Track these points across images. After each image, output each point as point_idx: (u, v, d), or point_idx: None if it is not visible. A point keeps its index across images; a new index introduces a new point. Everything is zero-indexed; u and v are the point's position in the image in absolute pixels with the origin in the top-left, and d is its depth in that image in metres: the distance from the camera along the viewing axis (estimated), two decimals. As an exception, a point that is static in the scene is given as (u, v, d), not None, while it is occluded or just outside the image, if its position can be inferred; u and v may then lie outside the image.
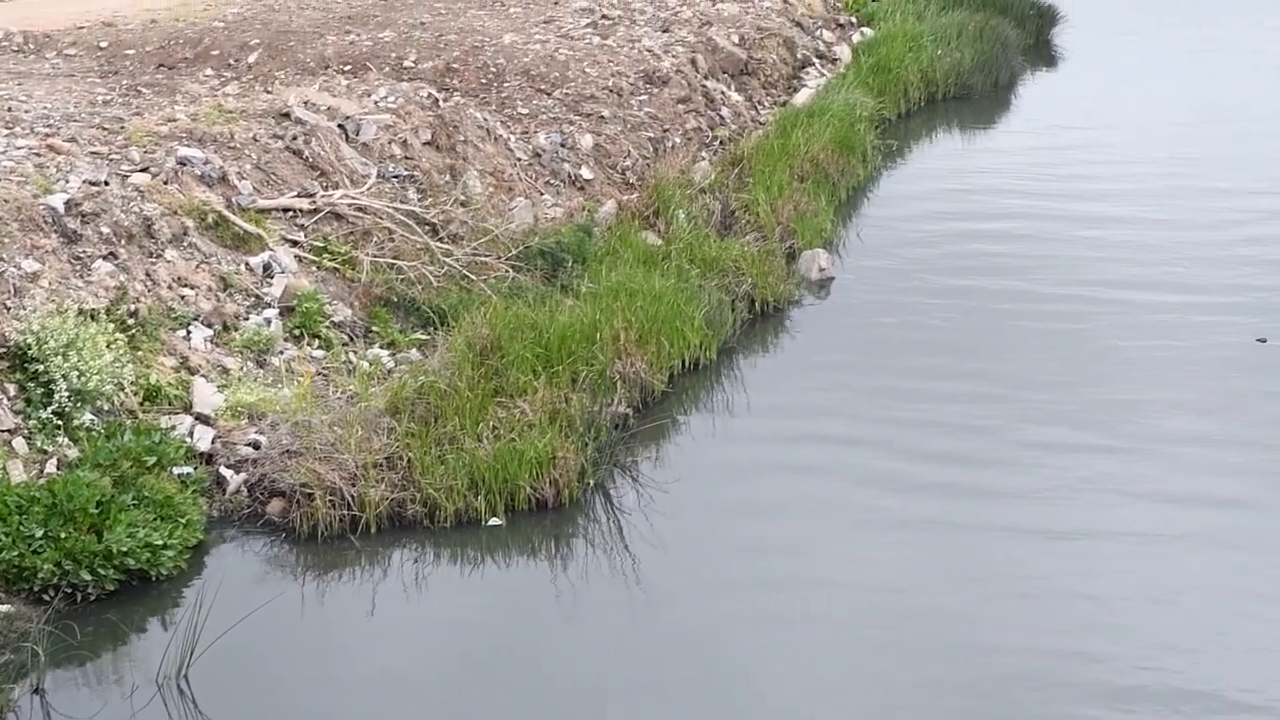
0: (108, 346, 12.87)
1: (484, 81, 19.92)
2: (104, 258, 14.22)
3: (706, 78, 21.83)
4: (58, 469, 12.19)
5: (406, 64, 20.08)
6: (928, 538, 12.49)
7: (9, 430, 12.32)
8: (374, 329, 15.40)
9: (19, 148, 15.58)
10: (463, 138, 18.04)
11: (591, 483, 13.24)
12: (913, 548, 12.38)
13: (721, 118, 21.33)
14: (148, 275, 14.41)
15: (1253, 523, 12.69)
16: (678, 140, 20.20)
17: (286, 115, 17.47)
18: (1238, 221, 19.11)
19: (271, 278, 15.29)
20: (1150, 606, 11.51)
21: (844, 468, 13.74)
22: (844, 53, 24.22)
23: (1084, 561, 12.19)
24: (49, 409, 12.50)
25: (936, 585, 11.79)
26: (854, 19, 25.76)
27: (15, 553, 11.19)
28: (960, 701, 10.31)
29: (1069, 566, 12.09)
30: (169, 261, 14.67)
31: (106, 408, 12.92)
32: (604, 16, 22.79)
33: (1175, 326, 16.48)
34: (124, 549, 11.42)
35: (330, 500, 12.56)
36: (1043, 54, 25.51)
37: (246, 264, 15.31)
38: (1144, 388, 15.13)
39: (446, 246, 16.35)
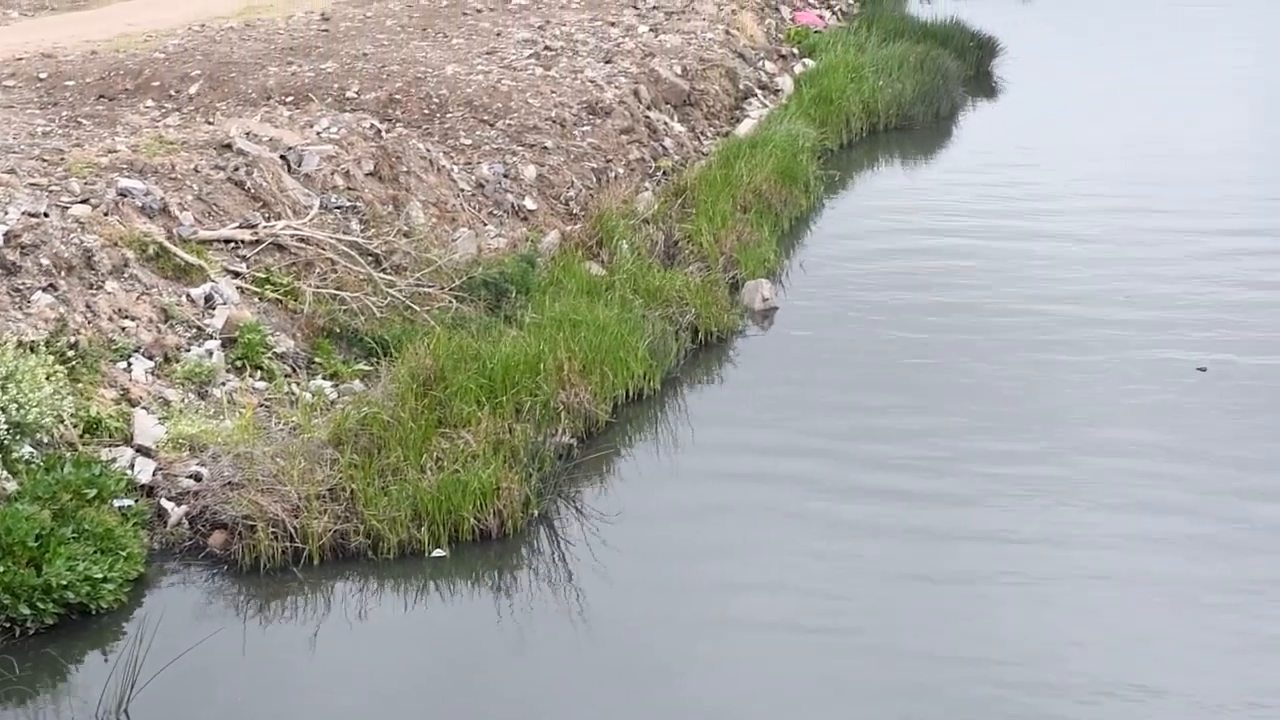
0: (47, 379, 12.76)
1: (427, 112, 19.91)
2: (43, 289, 14.11)
3: (649, 108, 21.89)
4: (-4, 502, 12.08)
5: (349, 95, 20.05)
6: (876, 567, 12.52)
7: (-54, 463, 12.21)
8: (317, 360, 15.33)
9: (-43, 179, 15.46)
10: (406, 168, 18.02)
11: (536, 513, 13.22)
12: (861, 577, 12.40)
13: (664, 148, 21.38)
14: (88, 307, 14.31)
15: (1196, 532, 12.82)
16: (621, 171, 20.23)
17: (228, 146, 17.40)
18: (1174, 243, 19.30)
19: (213, 309, 15.20)
20: (1095, 614, 11.60)
21: (789, 498, 13.75)
22: (786, 84, 24.31)
23: (1029, 570, 12.29)
24: (-13, 442, 12.38)
25: (887, 616, 11.81)
26: (796, 50, 25.88)
27: (-47, 587, 11.07)
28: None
29: (1015, 576, 12.19)
30: (109, 293, 14.57)
31: (46, 440, 12.81)
32: (546, 48, 22.82)
33: (1118, 344, 16.63)
34: (63, 583, 11.32)
35: (273, 532, 12.48)
36: (983, 85, 25.69)
37: (188, 295, 15.23)
38: (1088, 405, 15.27)
39: (389, 277, 16.31)
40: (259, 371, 14.84)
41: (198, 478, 13.08)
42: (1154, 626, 11.54)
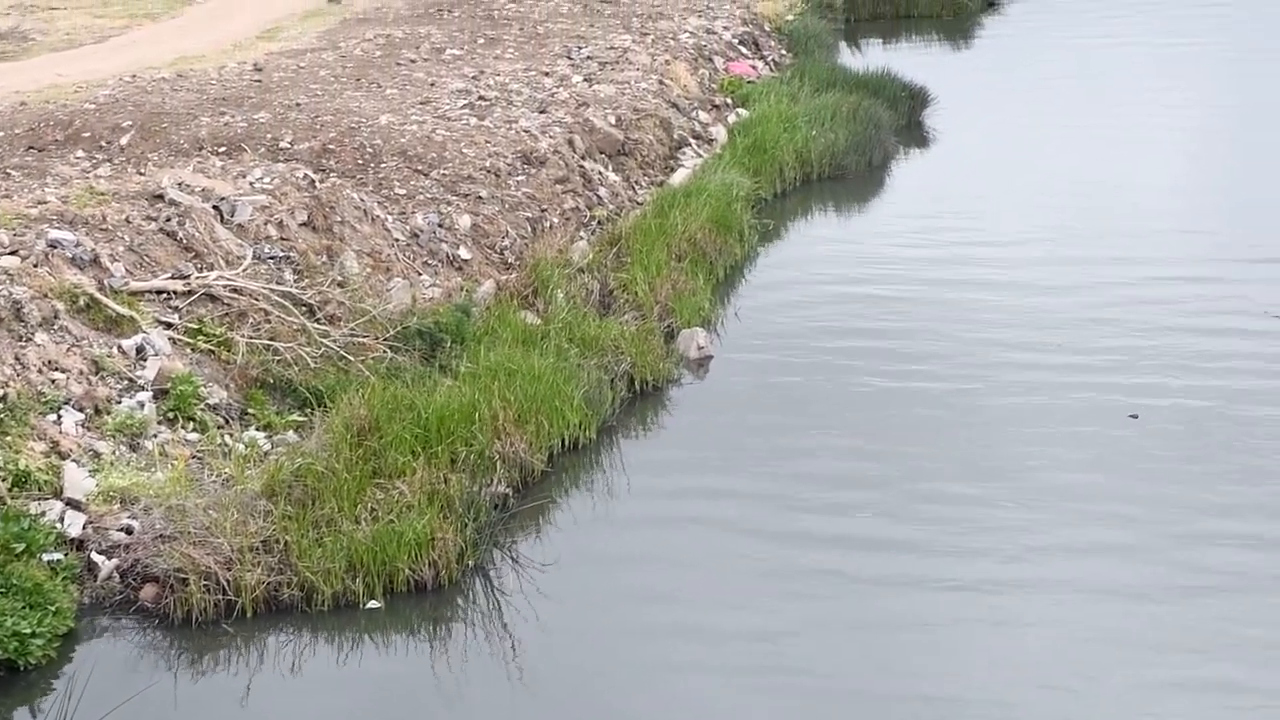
0: (-25, 431, 12.62)
1: (361, 162, 19.87)
2: (-28, 341, 13.96)
3: (584, 158, 21.92)
4: (-77, 557, 11.91)
5: (282, 145, 19.99)
6: (815, 610, 12.53)
7: (-128, 518, 12.03)
8: (250, 411, 15.23)
9: (-116, 230, 15.30)
10: (340, 218, 17.96)
11: (471, 564, 13.16)
12: (801, 620, 12.41)
13: (599, 198, 21.42)
14: (17, 359, 14.17)
15: (1135, 575, 12.90)
16: (556, 220, 20.25)
17: (160, 197, 17.31)
18: (1107, 288, 19.44)
19: (145, 360, 15.08)
20: (1034, 654, 11.65)
21: (726, 544, 13.75)
22: (720, 133, 24.42)
23: (970, 612, 12.33)
24: (-86, 496, 12.22)
25: (827, 659, 11.81)
26: (729, 100, 26.00)
27: (-122, 644, 10.90)
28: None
29: (955, 618, 12.23)
30: (39, 345, 14.43)
31: (-26, 494, 12.65)
32: (481, 98, 22.84)
33: (1053, 390, 16.73)
34: (-9, 638, 11.16)
35: (205, 585, 12.37)
36: (915, 135, 25.87)
37: (119, 347, 15.10)
38: (1024, 451, 15.34)
39: (324, 327, 16.24)
40: (191, 423, 14.72)
41: (129, 531, 12.95)
42: (1096, 668, 11.58)
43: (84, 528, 12.88)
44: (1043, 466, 15.09)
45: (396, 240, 18.41)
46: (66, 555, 12.48)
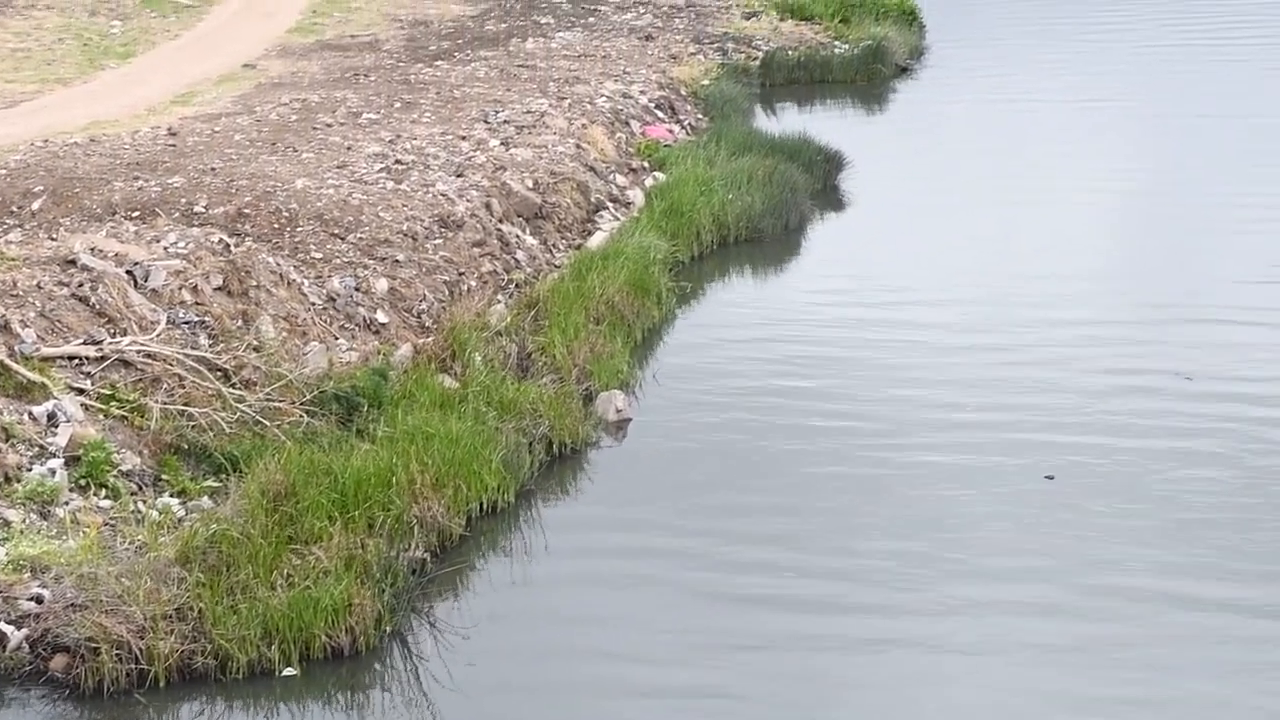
0: (-119, 500, 12.40)
1: (277, 226, 19.78)
2: (-122, 408, 13.75)
3: (501, 221, 21.92)
4: None
5: (197, 209, 19.88)
6: (734, 665, 12.53)
7: None
8: (164, 477, 15.08)
9: None
10: (255, 283, 17.86)
11: (389, 629, 13.07)
12: (721, 677, 12.39)
13: (517, 261, 21.41)
14: (-75, 426, 13.96)
15: (1050, 630, 12.99)
16: (473, 283, 20.22)
17: (72, 262, 17.15)
18: (1022, 348, 19.59)
19: (56, 427, 14.91)
20: (958, 707, 11.66)
21: (646, 605, 13.73)
22: (637, 196, 24.49)
23: (889, 670, 12.34)
24: None
25: (749, 714, 11.78)
26: (646, 164, 26.09)
27: None
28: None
29: (875, 676, 12.23)
30: (-52, 411, 14.23)
31: (-121, 564, 12.42)
32: (397, 161, 22.81)
33: (970, 448, 16.86)
34: (-104, 711, 10.95)
35: (117, 654, 12.20)
36: (831, 198, 26.05)
37: (29, 413, 14.92)
38: (942, 507, 15.46)
39: (239, 392, 16.12)
40: (104, 490, 14.55)
41: (39, 600, 12.76)
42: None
43: (-7, 597, 12.67)
44: (961, 525, 15.19)
45: (313, 304, 18.32)
46: (-25, 625, 12.27)
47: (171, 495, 14.83)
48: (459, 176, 22.57)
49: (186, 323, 16.93)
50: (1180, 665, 12.82)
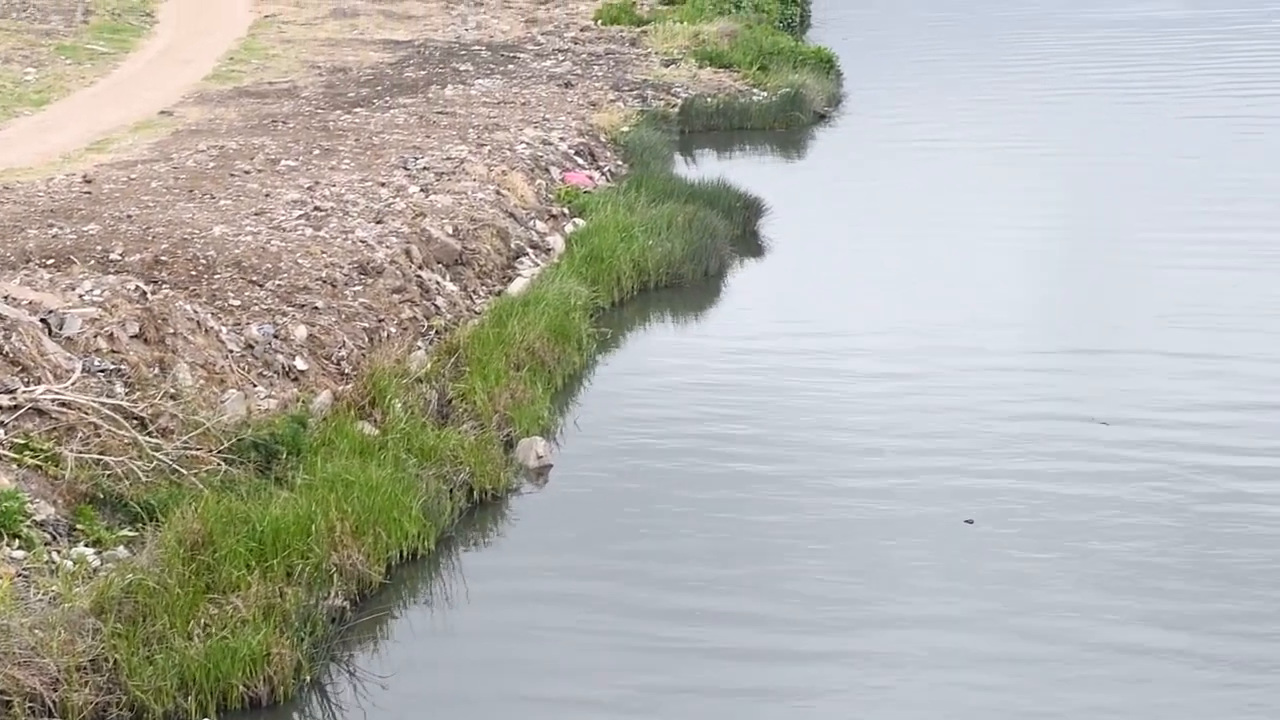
0: None
1: (194, 273, 19.65)
2: None
3: (421, 268, 21.88)
4: None
5: (113, 257, 19.72)
6: (659, 714, 12.48)
7: None
8: (79, 527, 14.89)
9: None
10: (172, 330, 17.72)
11: (308, 679, 12.96)
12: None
13: (437, 307, 21.36)
14: None
15: (976, 674, 13.02)
16: (393, 330, 20.15)
17: (-14, 309, 16.95)
18: (942, 392, 19.71)
19: (-32, 476, 14.70)
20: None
21: (567, 653, 13.68)
22: (557, 243, 24.51)
23: (820, 713, 12.37)
24: None
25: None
26: (566, 210, 26.11)
27: None
28: None
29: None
30: None
31: None
32: (316, 208, 22.72)
33: (892, 490, 16.95)
34: None
35: (30, 707, 12.04)
36: (750, 244, 26.17)
37: (-58, 463, 14.71)
38: (864, 553, 15.53)
39: (156, 441, 15.96)
40: (17, 540, 14.35)
41: (-50, 652, 12.54)
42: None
43: (-97, 650, 12.46)
44: (883, 571, 15.24)
45: (231, 351, 18.19)
46: (-116, 679, 12.05)
47: (87, 545, 14.65)
48: (379, 223, 22.52)
49: (102, 371, 16.76)
50: (1106, 708, 12.91)
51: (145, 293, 18.38)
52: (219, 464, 16.00)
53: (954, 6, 43.63)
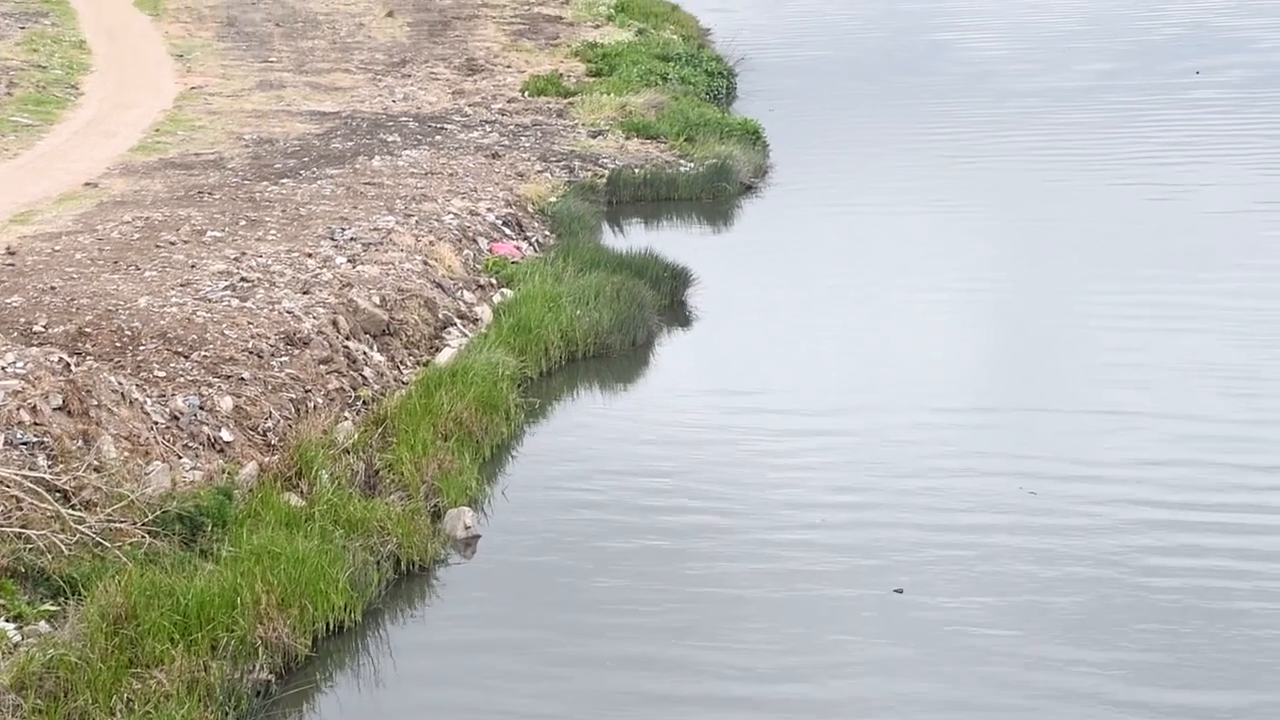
0: None
1: (119, 345, 19.53)
2: None
3: (348, 338, 21.83)
4: None
5: (36, 329, 19.57)
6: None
7: None
8: (0, 602, 14.72)
9: None
10: (96, 402, 17.59)
11: (233, 754, 12.82)
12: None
13: (364, 378, 21.31)
14: None
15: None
16: (320, 401, 20.07)
17: (-94, 382, 16.78)
18: (871, 464, 19.79)
19: (-113, 551, 14.50)
20: None
21: (494, 726, 13.61)
22: (485, 313, 24.50)
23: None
24: None
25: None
26: (494, 280, 26.13)
27: None
28: None
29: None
30: None
31: None
32: (243, 279, 22.65)
33: (817, 560, 17.01)
34: None
35: (-51, 786, 11.83)
36: (678, 314, 26.25)
37: None
38: (793, 624, 15.54)
39: (79, 513, 15.81)
40: (-64, 615, 14.16)
41: None
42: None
43: None
44: (810, 642, 15.28)
45: (156, 423, 18.06)
46: None
47: (7, 620, 14.47)
48: (305, 294, 22.46)
49: (24, 443, 16.61)
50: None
51: (69, 365, 18.24)
52: (143, 537, 15.87)
53: (875, 78, 44.13)
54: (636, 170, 33.39)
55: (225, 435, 18.53)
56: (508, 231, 28.66)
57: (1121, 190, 32.32)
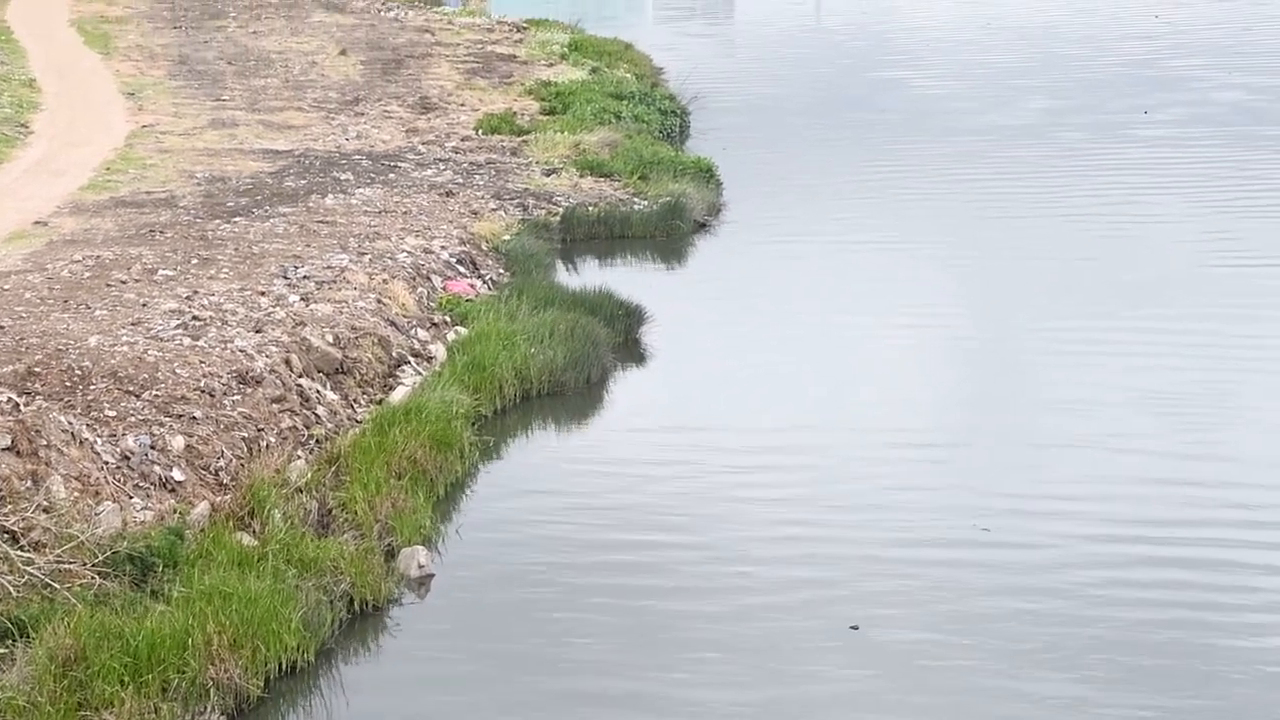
0: None
1: (69, 384, 19.38)
2: None
3: (301, 377, 21.72)
4: None
5: (-15, 368, 19.41)
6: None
7: None
8: (-54, 645, 14.53)
9: None
10: (45, 442, 17.43)
11: (184, 797, 12.68)
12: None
13: (317, 416, 21.20)
14: None
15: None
16: (273, 439, 19.95)
17: None
18: (828, 502, 19.80)
19: None
20: None
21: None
22: (439, 351, 24.44)
23: None
24: None
25: None
26: (448, 318, 26.07)
27: None
28: None
29: None
30: None
31: None
32: (195, 318, 22.52)
33: (772, 601, 16.97)
34: None
35: (-106, 832, 11.65)
36: (632, 351, 26.24)
37: None
38: (752, 661, 15.50)
39: (28, 554, 15.65)
40: (-118, 658, 13.98)
41: None
42: None
43: None
44: (768, 681, 15.22)
45: (107, 463, 17.92)
46: None
47: (-45, 663, 14.30)
48: (258, 332, 22.36)
49: (-28, 484, 16.43)
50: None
51: (18, 404, 18.08)
52: (93, 578, 15.72)
53: (825, 115, 44.35)
54: (590, 208, 33.40)
55: (177, 475, 18.40)
56: (462, 269, 28.61)
57: (1069, 224, 32.56)
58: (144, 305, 23.14)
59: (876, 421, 22.50)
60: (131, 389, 19.58)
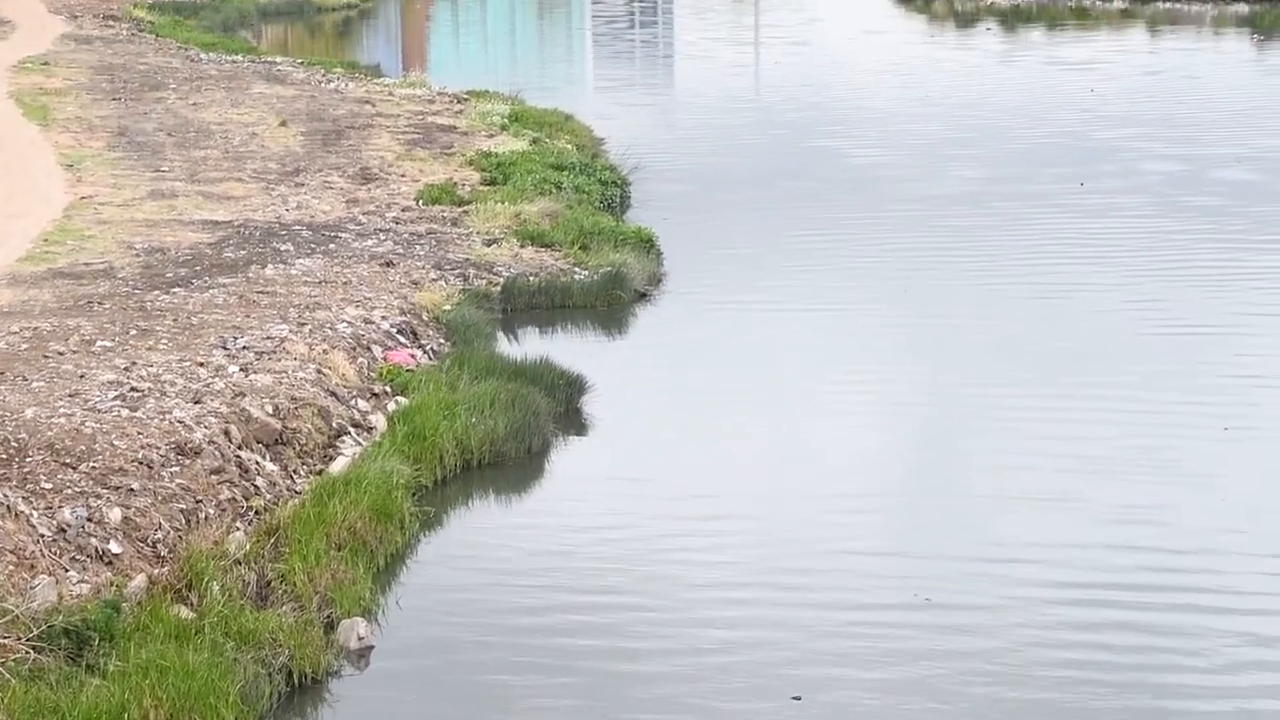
0: None
1: (4, 457, 19.22)
2: None
3: (240, 448, 21.63)
4: None
5: (-80, 441, 19.25)
6: None
7: None
8: (-123, 721, 14.34)
9: None
10: (-20, 515, 17.27)
11: None
12: None
13: (257, 487, 21.09)
14: None
15: None
16: (211, 511, 19.83)
17: None
18: (761, 570, 19.83)
19: None
20: None
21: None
22: (380, 421, 24.38)
23: None
24: None
25: None
26: (389, 388, 26.02)
27: None
28: None
29: None
30: None
31: None
32: (133, 389, 22.41)
33: (719, 672, 16.91)
34: None
35: None
36: (574, 420, 26.24)
37: None
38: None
39: (-39, 629, 15.47)
40: None
41: None
42: None
43: None
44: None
45: (42, 536, 17.77)
46: None
47: (-115, 740, 14.12)
48: (197, 403, 22.26)
49: (-94, 558, 16.26)
50: None
51: (-47, 477, 17.92)
52: (27, 652, 15.56)
53: (763, 184, 44.63)
54: (531, 278, 33.45)
55: (114, 547, 18.26)
56: (402, 339, 28.59)
57: (1005, 290, 32.86)
58: (82, 376, 23.02)
59: (818, 485, 22.58)
60: (68, 461, 19.45)
